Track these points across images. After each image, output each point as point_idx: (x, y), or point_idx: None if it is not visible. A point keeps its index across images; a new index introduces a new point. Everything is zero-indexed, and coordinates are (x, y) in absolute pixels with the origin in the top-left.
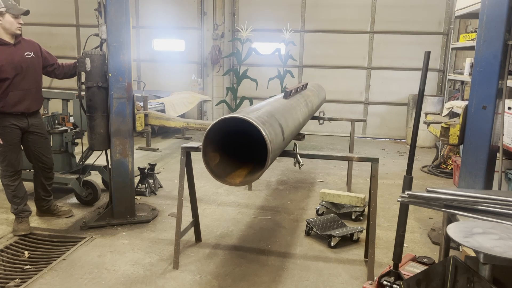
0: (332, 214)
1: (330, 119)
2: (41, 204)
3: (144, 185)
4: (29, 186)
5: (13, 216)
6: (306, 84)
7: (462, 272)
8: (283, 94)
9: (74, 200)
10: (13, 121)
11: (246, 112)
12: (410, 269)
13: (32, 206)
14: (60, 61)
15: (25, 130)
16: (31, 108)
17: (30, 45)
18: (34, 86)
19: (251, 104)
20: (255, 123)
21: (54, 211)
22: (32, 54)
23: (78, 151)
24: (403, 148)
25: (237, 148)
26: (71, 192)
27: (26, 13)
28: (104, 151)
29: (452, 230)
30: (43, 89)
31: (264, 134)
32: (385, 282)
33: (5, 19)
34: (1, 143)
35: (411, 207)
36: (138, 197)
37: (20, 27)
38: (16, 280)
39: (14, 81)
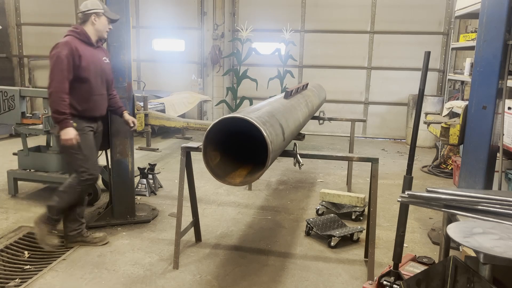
0: (332, 214)
1: (330, 119)
2: (73, 227)
3: (144, 185)
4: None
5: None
6: (307, 84)
7: (462, 272)
8: (283, 94)
9: None
10: (90, 124)
11: (247, 112)
12: (410, 269)
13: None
14: None
15: (94, 132)
16: (103, 112)
17: (105, 51)
18: (106, 91)
19: (251, 104)
20: (255, 123)
21: (86, 238)
22: (107, 60)
23: None
24: (403, 148)
25: (237, 148)
26: None
27: (116, 21)
28: (104, 151)
29: (452, 230)
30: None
31: (265, 134)
32: (385, 282)
33: (101, 21)
34: (80, 148)
35: (411, 207)
36: (138, 197)
37: (107, 32)
38: (16, 280)
39: (95, 84)
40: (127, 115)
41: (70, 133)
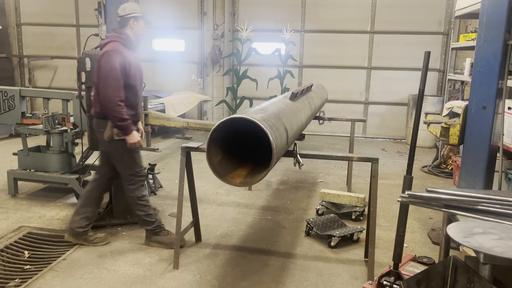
0: (332, 214)
1: (330, 119)
2: (82, 224)
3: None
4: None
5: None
6: (311, 86)
7: (462, 272)
8: (288, 94)
9: (74, 200)
10: (135, 126)
11: (253, 113)
12: (410, 269)
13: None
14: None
15: None
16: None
17: (137, 54)
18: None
19: (251, 104)
20: (263, 127)
21: (89, 238)
22: (140, 64)
23: (78, 151)
24: (403, 148)
25: (238, 147)
26: (71, 192)
27: (150, 23)
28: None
29: (452, 230)
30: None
31: (271, 139)
32: (385, 282)
33: (139, 25)
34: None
35: (411, 207)
36: None
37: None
38: (16, 280)
39: (139, 90)
40: (140, 126)
41: (136, 136)
